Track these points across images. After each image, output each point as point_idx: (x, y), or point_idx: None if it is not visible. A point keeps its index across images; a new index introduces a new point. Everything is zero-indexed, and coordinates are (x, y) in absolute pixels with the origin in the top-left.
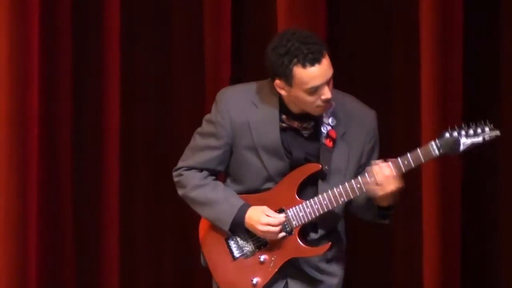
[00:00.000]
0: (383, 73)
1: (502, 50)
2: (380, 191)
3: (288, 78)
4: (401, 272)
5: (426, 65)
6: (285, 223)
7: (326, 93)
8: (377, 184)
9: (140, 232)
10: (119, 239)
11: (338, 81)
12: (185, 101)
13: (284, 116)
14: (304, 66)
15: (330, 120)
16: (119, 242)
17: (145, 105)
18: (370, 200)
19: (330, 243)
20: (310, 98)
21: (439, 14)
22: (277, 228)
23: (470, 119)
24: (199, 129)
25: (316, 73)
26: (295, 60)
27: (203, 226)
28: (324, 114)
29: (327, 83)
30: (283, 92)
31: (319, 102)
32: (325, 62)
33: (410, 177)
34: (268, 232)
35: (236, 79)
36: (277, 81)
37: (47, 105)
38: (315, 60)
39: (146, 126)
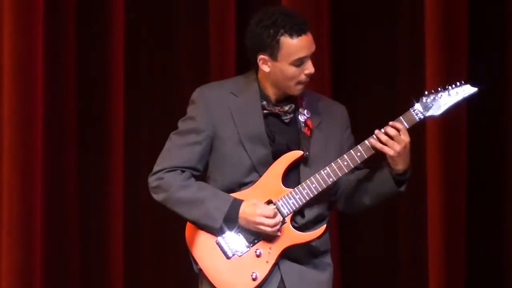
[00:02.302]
0: (388, 64)
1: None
2: (391, 151)
3: (274, 50)
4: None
5: (430, 58)
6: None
7: (310, 67)
8: (387, 144)
9: (144, 231)
10: (123, 238)
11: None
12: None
13: (264, 103)
14: (291, 36)
15: (305, 112)
16: (123, 241)
17: (149, 106)
18: (380, 174)
19: (325, 225)
20: (294, 71)
21: (444, 9)
22: (273, 221)
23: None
24: (175, 131)
25: (303, 43)
26: (282, 30)
27: (189, 233)
28: (300, 104)
29: (311, 57)
30: (265, 68)
31: (302, 77)
32: (310, 34)
33: (414, 174)
34: (265, 224)
35: None
36: (261, 56)
37: (51, 105)
38: (301, 31)
39: (150, 127)
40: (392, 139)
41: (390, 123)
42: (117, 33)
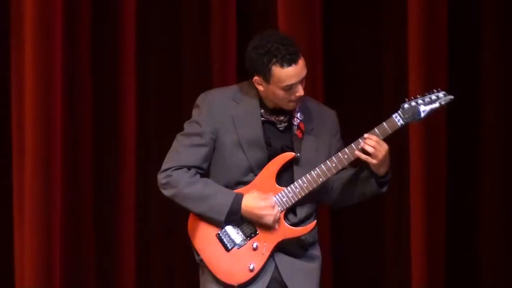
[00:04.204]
0: (375, 75)
1: (483, 57)
2: (374, 160)
3: (267, 76)
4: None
5: (413, 69)
6: None
7: (300, 91)
8: (370, 155)
9: (155, 229)
10: (135, 236)
11: (330, 80)
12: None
13: (262, 111)
14: (282, 65)
15: (298, 115)
16: (135, 239)
17: (158, 109)
18: (364, 176)
19: (315, 221)
20: (285, 95)
21: (426, 20)
22: (274, 211)
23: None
24: (181, 132)
25: (292, 73)
26: (274, 60)
27: (192, 226)
28: (294, 110)
29: (301, 82)
30: (260, 88)
31: (292, 98)
32: (301, 63)
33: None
34: (267, 215)
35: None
36: (256, 78)
37: (69, 109)
38: (292, 61)
39: (158, 128)
40: (374, 150)
41: (366, 136)
42: (129, 43)
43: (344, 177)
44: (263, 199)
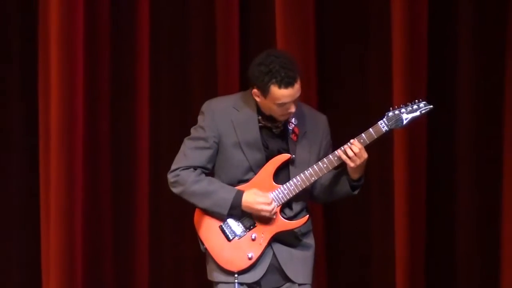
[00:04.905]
0: (361, 85)
1: (460, 71)
2: (352, 163)
3: (265, 92)
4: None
5: (397, 79)
6: None
7: (292, 108)
8: (350, 158)
9: (166, 219)
10: (148, 226)
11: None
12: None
13: (259, 117)
14: (279, 86)
15: (293, 120)
16: (149, 237)
17: (169, 115)
18: (341, 178)
19: (308, 215)
20: (278, 110)
21: (408, 43)
22: (270, 207)
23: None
24: (188, 137)
25: (287, 94)
26: (274, 80)
27: (197, 219)
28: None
29: (294, 101)
30: (257, 99)
31: (284, 113)
32: (297, 86)
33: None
34: (264, 210)
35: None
36: (255, 90)
37: (89, 111)
38: (289, 84)
39: (169, 132)
40: (355, 155)
41: (353, 141)
42: (144, 59)
43: (326, 178)
44: (262, 195)
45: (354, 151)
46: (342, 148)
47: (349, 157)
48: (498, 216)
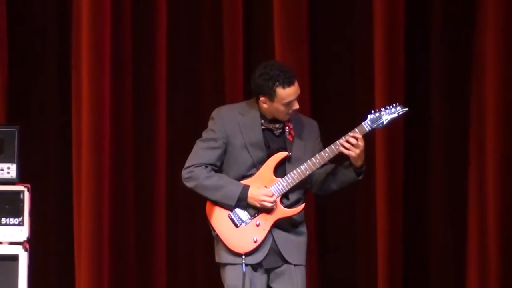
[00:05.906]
0: (348, 90)
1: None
2: (352, 153)
3: (272, 96)
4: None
5: (378, 86)
6: None
7: (296, 105)
8: (350, 148)
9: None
10: (165, 221)
11: (315, 98)
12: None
13: (262, 121)
14: (283, 87)
15: (290, 124)
16: (166, 223)
17: (184, 119)
18: (347, 168)
19: (303, 204)
20: (285, 109)
21: (387, 54)
22: (272, 198)
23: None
24: (200, 138)
25: (291, 92)
26: (277, 83)
27: (209, 209)
28: (287, 120)
29: (296, 98)
30: (265, 106)
31: (289, 111)
32: (296, 83)
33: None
34: (266, 201)
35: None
36: (262, 98)
37: (115, 123)
38: (291, 83)
39: (184, 134)
40: (353, 146)
41: (351, 133)
42: (161, 69)
43: (328, 169)
44: (264, 189)
45: (351, 142)
46: (340, 141)
47: (348, 149)
48: (465, 207)
